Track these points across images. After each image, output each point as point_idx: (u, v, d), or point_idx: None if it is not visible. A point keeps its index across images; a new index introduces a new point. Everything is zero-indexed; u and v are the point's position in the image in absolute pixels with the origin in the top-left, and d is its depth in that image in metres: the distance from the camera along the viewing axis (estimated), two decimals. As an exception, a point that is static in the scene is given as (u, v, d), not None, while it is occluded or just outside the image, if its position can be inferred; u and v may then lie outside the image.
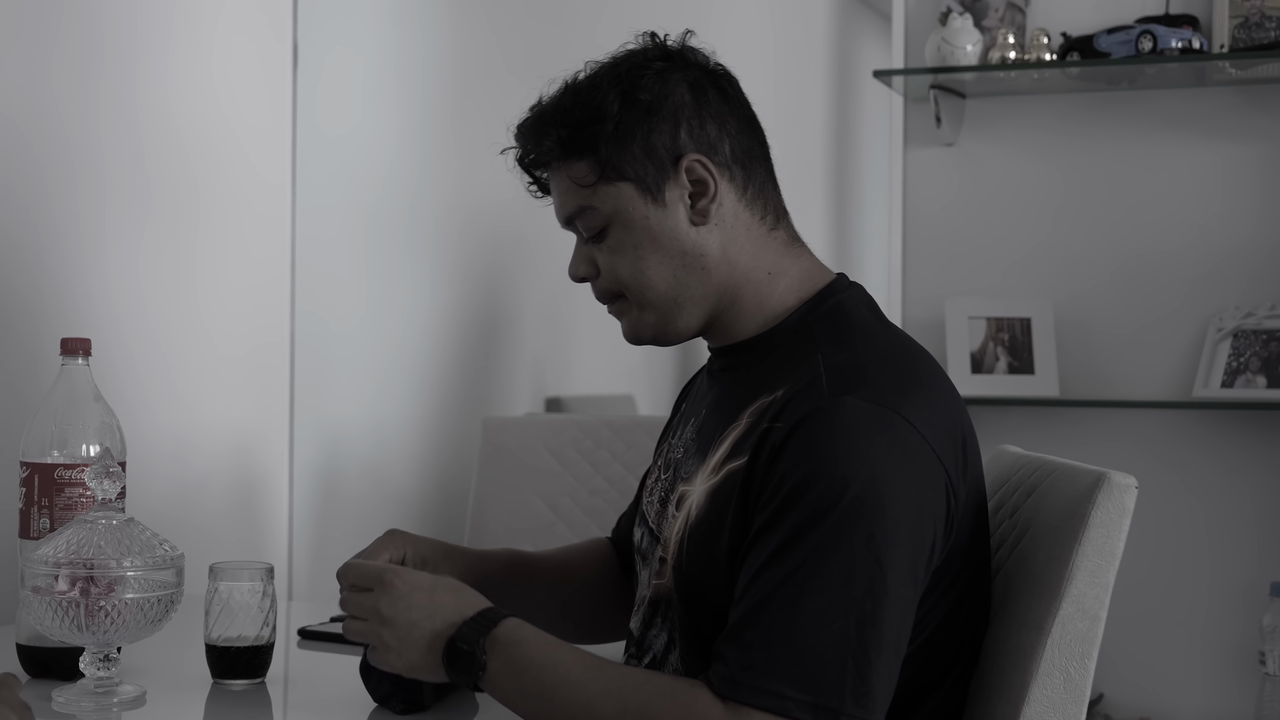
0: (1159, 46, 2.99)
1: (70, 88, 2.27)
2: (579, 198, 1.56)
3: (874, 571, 1.35)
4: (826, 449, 1.38)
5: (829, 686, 1.33)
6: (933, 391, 1.47)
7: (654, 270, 1.55)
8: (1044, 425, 3.21)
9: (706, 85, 1.56)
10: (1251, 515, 3.10)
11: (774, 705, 1.33)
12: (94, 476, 1.60)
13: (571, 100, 1.55)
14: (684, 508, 1.53)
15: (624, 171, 1.53)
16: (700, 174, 1.53)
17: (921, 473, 1.40)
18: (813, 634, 1.33)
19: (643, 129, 1.52)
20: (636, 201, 1.53)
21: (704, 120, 1.54)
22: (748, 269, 1.56)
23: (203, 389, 2.56)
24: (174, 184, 2.48)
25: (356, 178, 3.05)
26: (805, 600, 1.34)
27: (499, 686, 1.43)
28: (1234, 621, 3.09)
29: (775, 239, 1.58)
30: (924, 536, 1.40)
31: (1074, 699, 1.47)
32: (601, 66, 1.57)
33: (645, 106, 1.52)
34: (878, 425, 1.39)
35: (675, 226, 1.54)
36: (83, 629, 1.55)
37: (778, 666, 1.33)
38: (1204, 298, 3.15)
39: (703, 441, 1.55)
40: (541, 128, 1.57)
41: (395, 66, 3.21)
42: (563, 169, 1.57)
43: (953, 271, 3.31)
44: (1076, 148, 3.24)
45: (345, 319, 3.02)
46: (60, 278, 2.25)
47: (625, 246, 1.55)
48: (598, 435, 2.94)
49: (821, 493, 1.36)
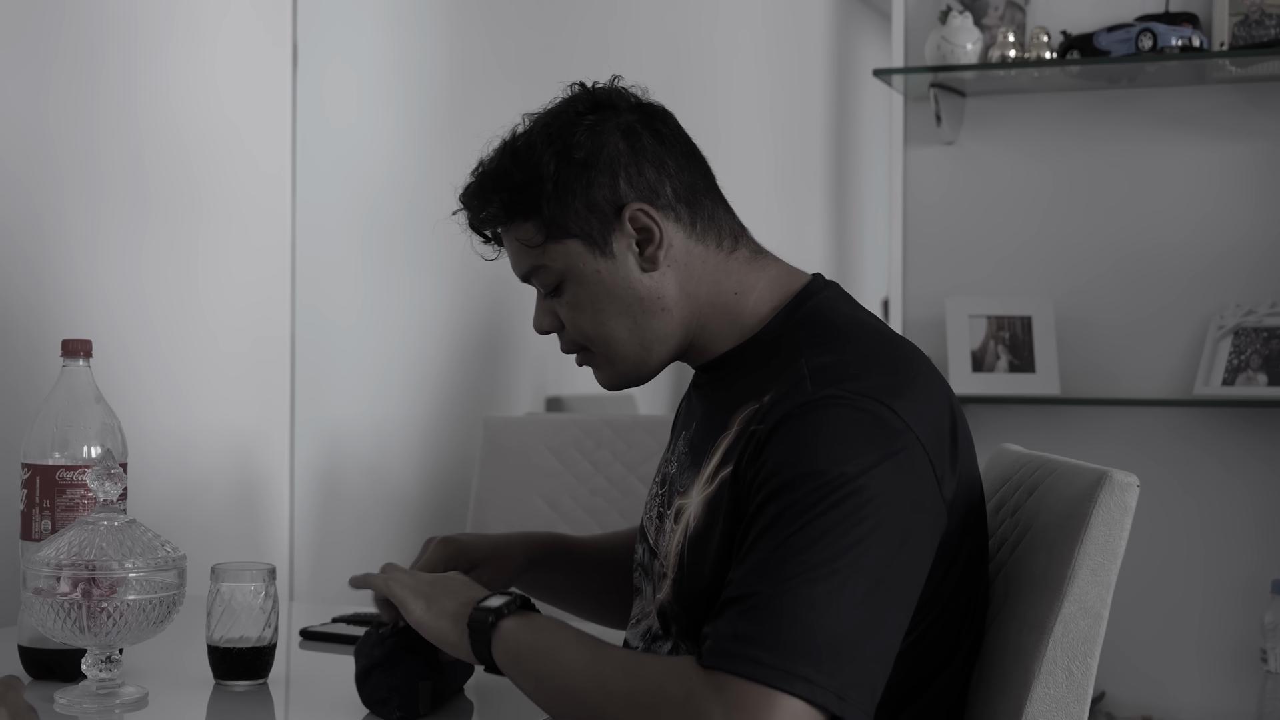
0: (1159, 44, 2.99)
1: (71, 88, 2.27)
2: (530, 258, 1.58)
3: (860, 554, 1.35)
4: (812, 440, 1.39)
5: (807, 657, 1.32)
6: (917, 383, 1.47)
7: (613, 322, 1.57)
8: (1045, 423, 3.21)
9: (640, 129, 1.57)
10: (1253, 513, 3.10)
11: (750, 671, 1.32)
12: (95, 478, 1.60)
13: (511, 163, 1.57)
14: (682, 520, 1.53)
15: (569, 229, 1.54)
16: (644, 222, 1.54)
17: (906, 461, 1.40)
18: (795, 608, 1.33)
19: (581, 185, 1.54)
20: (586, 257, 1.55)
21: (641, 166, 1.55)
22: (710, 296, 1.57)
23: (203, 390, 2.56)
24: (174, 185, 2.48)
25: (356, 176, 3.05)
26: (788, 578, 1.34)
27: (511, 638, 1.47)
28: (1235, 619, 3.09)
29: (736, 260, 1.59)
30: (909, 523, 1.40)
31: (1076, 697, 1.47)
32: (535, 123, 1.58)
33: (581, 162, 1.54)
34: (862, 416, 1.40)
35: (627, 276, 1.55)
36: (85, 630, 1.55)
37: (757, 635, 1.33)
38: (1205, 295, 3.15)
39: (695, 453, 1.56)
40: (483, 193, 1.59)
41: (394, 66, 3.21)
42: (510, 230, 1.59)
43: (953, 270, 3.31)
44: (1077, 146, 3.24)
45: (346, 319, 3.02)
46: (61, 279, 2.25)
47: (583, 302, 1.57)
48: (599, 435, 2.94)
49: (805, 482, 1.37)
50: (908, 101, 3.32)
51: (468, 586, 1.56)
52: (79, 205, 2.29)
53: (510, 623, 1.48)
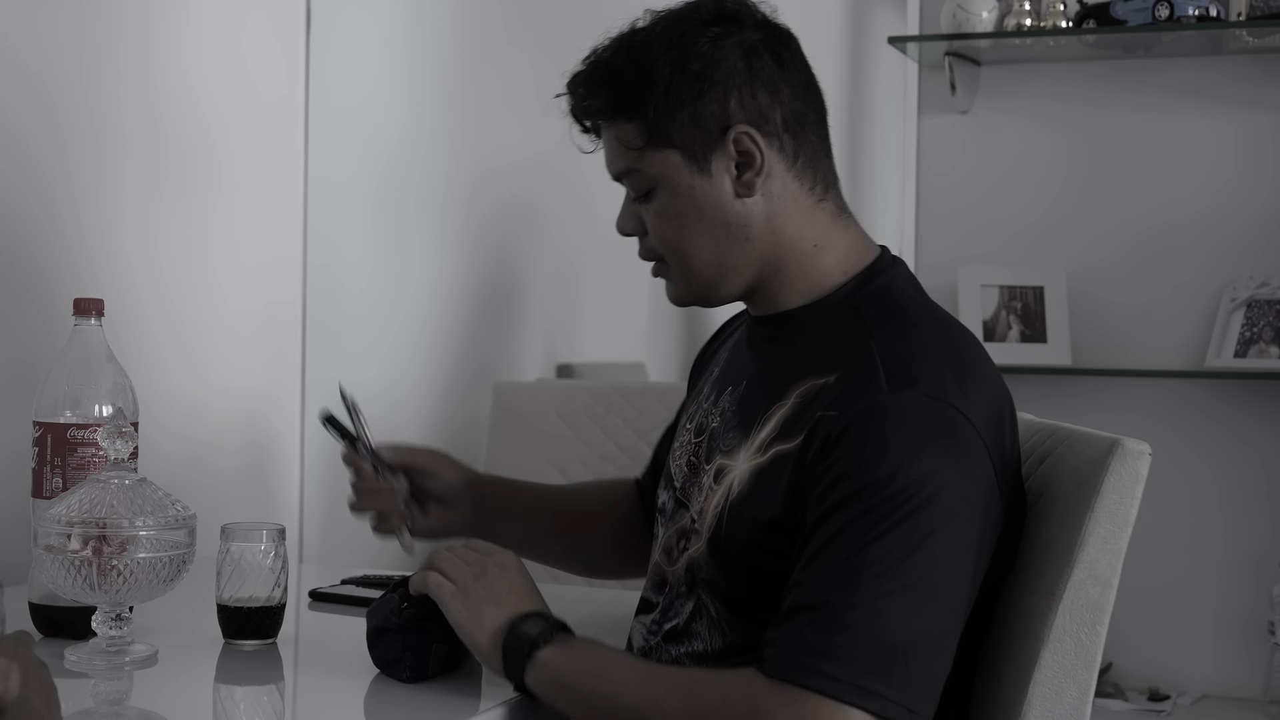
0: (1176, 14, 2.98)
1: (85, 50, 2.26)
2: (626, 159, 1.54)
3: (930, 567, 1.35)
4: (890, 443, 1.37)
5: (878, 672, 1.32)
6: (980, 377, 1.46)
7: (697, 239, 1.53)
8: (1056, 394, 3.21)
9: (762, 50, 1.52)
10: (1264, 485, 3.10)
11: (823, 686, 1.32)
12: (106, 436, 1.60)
13: (624, 59, 1.52)
14: (724, 482, 1.52)
15: (671, 139, 1.51)
16: (747, 146, 1.50)
17: (976, 467, 1.40)
18: (867, 622, 1.33)
19: (691, 97, 1.49)
20: (682, 170, 1.51)
21: (755, 89, 1.51)
22: (793, 240, 1.54)
23: (215, 350, 2.56)
24: (187, 146, 2.47)
25: (370, 142, 3.04)
26: (862, 590, 1.34)
27: (549, 667, 1.45)
28: (1245, 592, 3.09)
29: (823, 210, 1.55)
30: (978, 532, 1.40)
31: (1085, 665, 1.47)
32: (657, 22, 1.53)
33: (696, 74, 1.49)
34: (937, 422, 1.39)
35: (720, 197, 1.52)
36: (95, 588, 1.55)
37: (828, 649, 1.33)
38: (1218, 267, 3.14)
39: (745, 415, 1.54)
40: (592, 84, 1.54)
41: (408, 29, 3.20)
42: (611, 127, 1.55)
43: (966, 239, 3.30)
44: (1092, 116, 3.23)
45: (357, 283, 3.02)
46: (73, 239, 2.25)
47: (670, 213, 1.53)
48: (609, 401, 2.94)
49: (881, 488, 1.36)
50: (922, 70, 3.31)
51: (511, 591, 1.52)
52: (92, 165, 2.28)
53: (547, 653, 1.46)
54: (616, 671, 1.44)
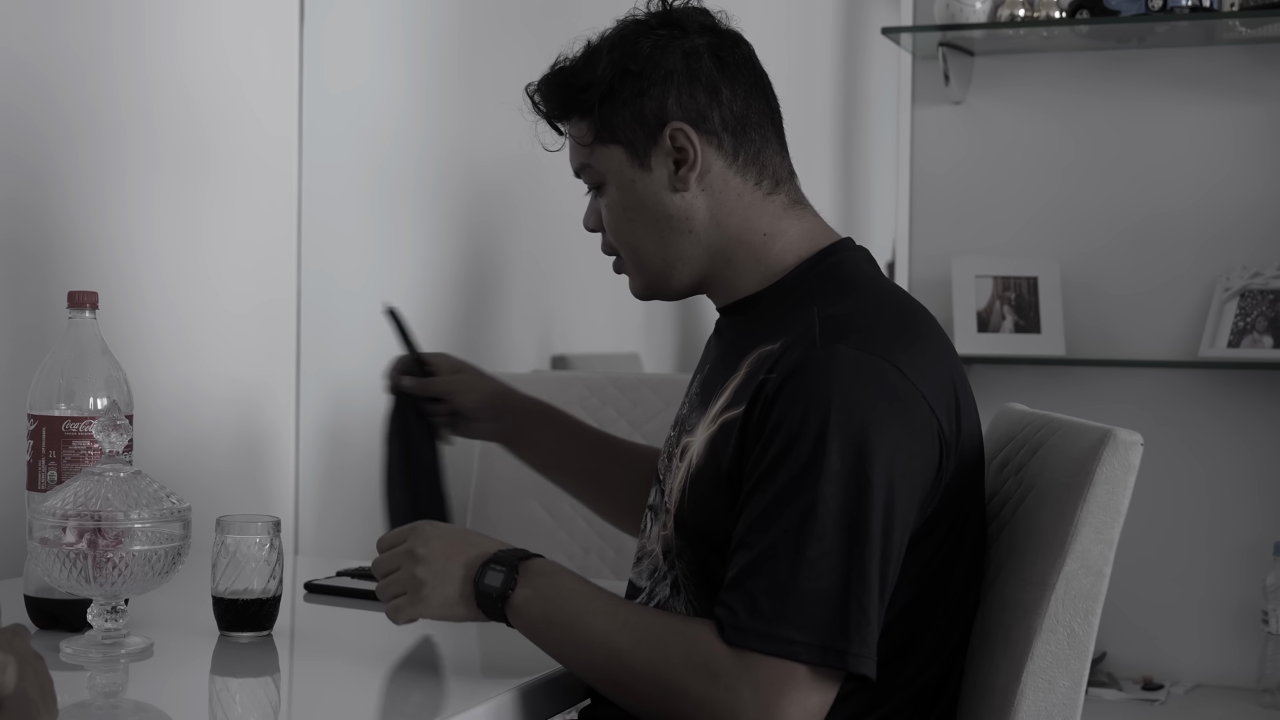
0: (1169, 4, 2.98)
1: (78, 41, 2.26)
2: (580, 155, 1.64)
3: (869, 515, 1.39)
4: (819, 397, 1.41)
5: (834, 629, 1.37)
6: (926, 343, 1.50)
7: (642, 232, 1.62)
8: (1050, 384, 3.21)
9: (703, 53, 1.59)
10: (1256, 475, 3.10)
11: (783, 650, 1.37)
12: (101, 429, 1.60)
13: (580, 62, 1.63)
14: (686, 457, 1.56)
15: (615, 135, 1.60)
16: (682, 141, 1.58)
17: (913, 419, 1.43)
18: (816, 579, 1.38)
19: (633, 95, 1.58)
20: (626, 165, 1.60)
21: (694, 88, 1.58)
22: (739, 232, 1.60)
23: (209, 343, 2.56)
24: (181, 138, 2.47)
25: (363, 133, 3.04)
26: (805, 547, 1.38)
27: (524, 613, 1.49)
28: (1237, 581, 3.09)
29: (773, 203, 1.61)
30: (915, 481, 1.43)
31: (1077, 654, 1.48)
32: (612, 30, 1.63)
33: (636, 74, 1.58)
34: (868, 372, 1.42)
35: (659, 192, 1.59)
36: (90, 581, 1.55)
37: (784, 613, 1.37)
38: (1211, 257, 3.15)
39: (705, 394, 1.59)
40: (548, 86, 1.66)
41: (402, 19, 3.19)
42: (568, 125, 1.65)
43: (960, 230, 3.31)
44: (1085, 106, 3.23)
45: (352, 274, 3.02)
46: (68, 231, 2.25)
47: (618, 206, 1.62)
48: (604, 393, 2.94)
49: (814, 441, 1.39)
50: (916, 60, 3.31)
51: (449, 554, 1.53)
52: (86, 158, 2.28)
53: (518, 596, 1.49)
54: (584, 622, 1.47)
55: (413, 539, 1.54)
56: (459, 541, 1.54)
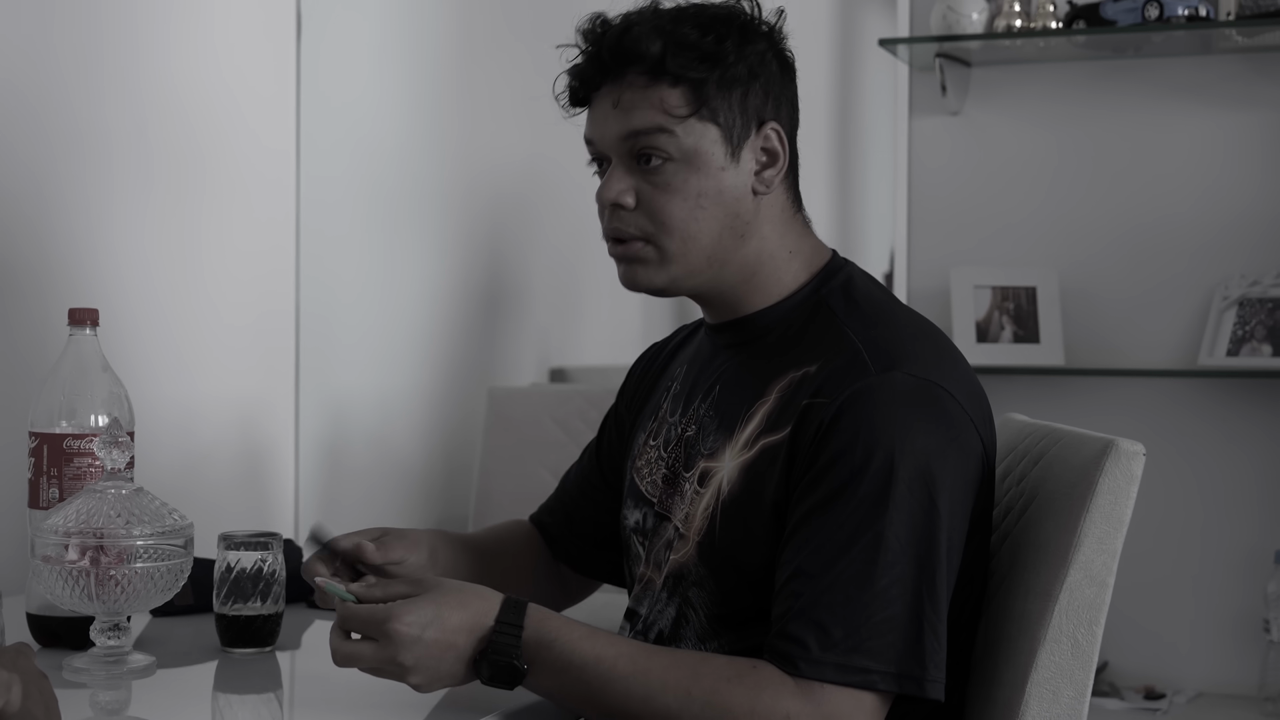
0: (1165, 14, 2.98)
1: (74, 56, 2.26)
2: (660, 120, 1.50)
3: (934, 542, 1.40)
4: (879, 425, 1.40)
5: (909, 656, 1.37)
6: (955, 360, 1.51)
7: (705, 223, 1.52)
8: (1049, 394, 3.21)
9: (787, 63, 1.58)
10: (1256, 483, 3.10)
11: (859, 680, 1.36)
12: (103, 446, 1.60)
13: (694, 25, 1.51)
14: (711, 484, 1.52)
15: (717, 115, 1.51)
16: (775, 144, 1.54)
17: (965, 443, 1.45)
18: (888, 607, 1.37)
19: (745, 80, 1.52)
20: (716, 149, 1.51)
21: (784, 95, 1.56)
22: (775, 247, 1.56)
23: (209, 359, 2.56)
24: (179, 153, 2.47)
25: (361, 145, 3.04)
26: (876, 576, 1.37)
27: (541, 686, 1.43)
28: (1239, 590, 3.09)
29: (798, 221, 1.60)
30: (967, 504, 1.45)
31: (1081, 665, 1.48)
32: (720, 6, 1.55)
33: (753, 62, 1.52)
34: (926, 399, 1.43)
35: (739, 187, 1.53)
36: (93, 598, 1.55)
37: (859, 643, 1.37)
38: (1210, 266, 3.15)
39: (725, 418, 1.54)
40: (656, 32, 1.50)
41: (399, 31, 3.20)
42: (654, 89, 1.50)
43: (958, 240, 3.31)
44: (1082, 116, 3.23)
45: (350, 289, 3.02)
46: (67, 248, 2.25)
47: (689, 190, 1.51)
48: (603, 405, 2.93)
49: (878, 468, 1.39)
50: (913, 71, 3.31)
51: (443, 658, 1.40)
52: (84, 174, 2.28)
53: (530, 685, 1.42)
54: (613, 689, 1.39)
55: (394, 649, 1.39)
56: (442, 640, 1.39)
